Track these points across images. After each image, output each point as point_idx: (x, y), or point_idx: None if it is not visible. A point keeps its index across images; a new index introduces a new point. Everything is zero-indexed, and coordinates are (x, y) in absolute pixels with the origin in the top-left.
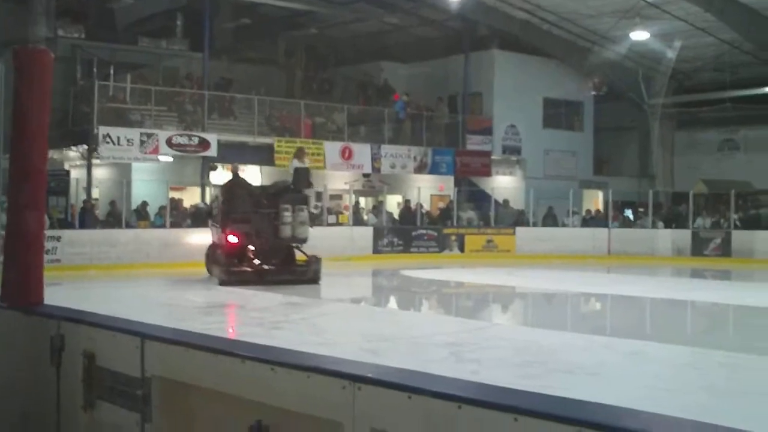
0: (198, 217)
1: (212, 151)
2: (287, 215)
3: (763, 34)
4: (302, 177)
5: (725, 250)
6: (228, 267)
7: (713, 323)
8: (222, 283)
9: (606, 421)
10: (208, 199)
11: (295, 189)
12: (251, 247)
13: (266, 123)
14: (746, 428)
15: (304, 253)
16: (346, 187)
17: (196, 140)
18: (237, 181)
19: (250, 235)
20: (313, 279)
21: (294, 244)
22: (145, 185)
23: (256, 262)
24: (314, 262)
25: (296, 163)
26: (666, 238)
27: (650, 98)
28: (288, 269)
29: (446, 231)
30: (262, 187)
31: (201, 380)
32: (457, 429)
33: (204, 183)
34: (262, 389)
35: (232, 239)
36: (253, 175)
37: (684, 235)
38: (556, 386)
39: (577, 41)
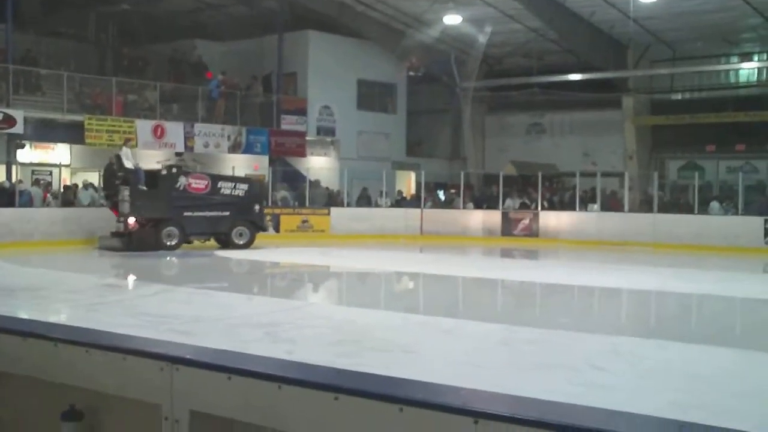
0: (2, 195)
1: (19, 128)
2: (120, 194)
3: (564, 23)
4: (117, 162)
5: (533, 230)
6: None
7: (521, 301)
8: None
9: (428, 398)
10: (14, 178)
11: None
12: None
13: (76, 100)
14: (554, 399)
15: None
16: (159, 166)
17: (0, 116)
18: (109, 166)
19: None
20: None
21: None
22: None
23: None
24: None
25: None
26: (477, 218)
27: (462, 81)
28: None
29: None
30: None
31: (9, 367)
32: (277, 409)
33: (10, 161)
34: (76, 373)
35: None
36: (62, 153)
37: (494, 216)
38: (372, 364)
39: (392, 23)
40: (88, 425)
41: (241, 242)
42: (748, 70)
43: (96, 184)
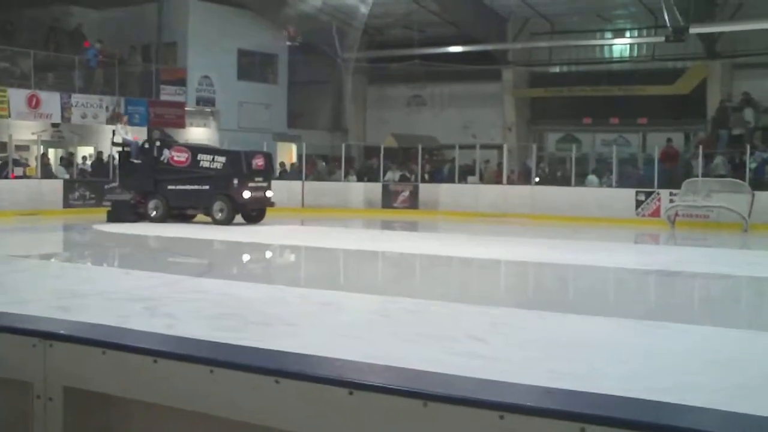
0: None
1: None
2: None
3: None
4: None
5: (413, 202)
6: None
7: (401, 272)
8: None
9: (303, 370)
10: None
11: None
12: None
13: None
14: (431, 370)
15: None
16: (34, 137)
17: None
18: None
19: None
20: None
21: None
22: None
23: None
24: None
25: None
26: (358, 190)
27: (343, 53)
28: None
29: None
30: None
31: None
32: (153, 383)
33: None
34: None
35: None
36: None
37: (375, 188)
38: (253, 338)
39: None
40: None
41: (219, 217)
42: (621, 45)
43: None
